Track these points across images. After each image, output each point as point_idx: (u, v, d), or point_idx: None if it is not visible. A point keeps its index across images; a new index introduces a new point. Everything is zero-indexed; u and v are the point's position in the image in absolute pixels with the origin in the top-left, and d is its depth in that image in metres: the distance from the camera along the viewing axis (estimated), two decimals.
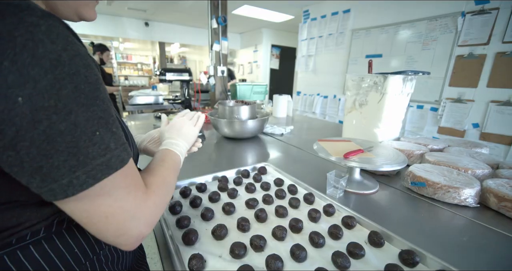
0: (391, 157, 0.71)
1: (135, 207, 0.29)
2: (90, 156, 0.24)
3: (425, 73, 1.02)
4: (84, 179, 0.24)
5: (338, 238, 0.49)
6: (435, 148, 1.02)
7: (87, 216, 0.26)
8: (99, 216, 0.26)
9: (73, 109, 0.22)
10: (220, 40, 2.21)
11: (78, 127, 0.23)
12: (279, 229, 0.48)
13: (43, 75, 0.21)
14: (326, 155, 0.71)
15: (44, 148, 0.21)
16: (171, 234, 0.49)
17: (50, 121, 0.21)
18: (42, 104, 0.21)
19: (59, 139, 0.22)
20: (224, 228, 0.48)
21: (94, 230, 0.28)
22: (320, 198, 0.64)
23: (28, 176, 0.22)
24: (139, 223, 0.29)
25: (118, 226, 0.28)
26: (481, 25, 1.95)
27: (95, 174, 0.24)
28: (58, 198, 0.24)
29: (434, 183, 0.67)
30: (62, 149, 0.22)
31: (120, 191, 0.28)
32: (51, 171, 0.22)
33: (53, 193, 0.23)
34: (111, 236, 0.28)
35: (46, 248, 0.32)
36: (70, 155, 0.23)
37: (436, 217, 0.61)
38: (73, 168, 0.23)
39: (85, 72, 0.24)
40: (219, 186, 0.67)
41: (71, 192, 0.24)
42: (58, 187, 0.23)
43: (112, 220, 0.27)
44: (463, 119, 2.11)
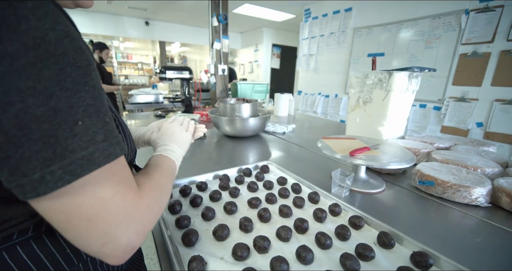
0: (399, 154, 0.68)
1: (124, 210, 0.25)
2: (69, 148, 0.20)
3: (431, 70, 1.00)
4: (60, 175, 0.20)
5: (345, 239, 0.46)
6: (441, 146, 0.99)
7: (65, 219, 0.22)
8: (79, 218, 0.22)
9: (54, 94, 0.19)
10: (221, 38, 2.19)
11: (58, 114, 0.20)
12: (284, 230, 0.46)
13: (23, 53, 0.18)
14: (331, 152, 0.69)
15: (14, 134, 0.18)
16: (170, 234, 0.46)
17: (24, 104, 0.18)
18: (17, 84, 0.18)
19: (34, 126, 0.19)
20: (226, 228, 0.46)
21: (74, 236, 0.23)
22: (325, 197, 0.62)
23: None
24: (128, 229, 0.25)
25: (103, 231, 0.23)
26: (486, 23, 1.92)
27: (74, 169, 0.21)
28: (28, 197, 0.20)
29: (443, 182, 0.65)
30: (36, 137, 0.19)
31: (106, 190, 0.24)
32: (20, 162, 0.19)
33: (22, 190, 0.19)
34: (94, 244, 0.23)
35: (34, 249, 0.30)
36: (45, 145, 0.19)
37: (446, 217, 0.59)
38: (48, 161, 0.20)
39: (74, 54, 0.21)
40: (220, 184, 0.65)
41: (42, 190, 0.20)
42: (28, 182, 0.19)
43: (96, 223, 0.23)
44: (466, 119, 2.09)
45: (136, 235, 0.26)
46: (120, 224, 0.24)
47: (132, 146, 0.41)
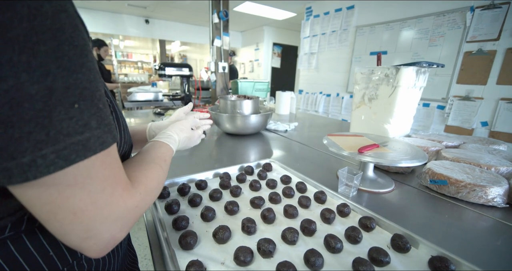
0: (409, 152, 0.65)
1: (111, 206, 0.23)
2: (64, 131, 0.19)
3: (439, 65, 0.96)
4: (53, 159, 0.19)
5: (357, 242, 0.43)
6: (450, 145, 0.96)
7: (50, 210, 0.21)
8: (65, 211, 0.21)
9: (50, 72, 0.18)
10: (221, 35, 2.16)
11: (53, 94, 0.18)
12: (290, 232, 0.42)
13: (17, 23, 0.16)
14: (338, 149, 0.65)
15: (4, 113, 0.16)
16: (166, 236, 0.43)
17: (17, 80, 0.17)
18: (10, 57, 0.16)
19: (27, 105, 0.17)
20: (227, 230, 0.42)
21: (56, 228, 0.22)
22: (332, 197, 0.58)
23: None
24: (113, 225, 0.24)
25: (87, 226, 0.22)
26: (491, 20, 1.89)
27: (68, 154, 0.19)
28: (14, 182, 0.18)
29: (457, 181, 0.61)
30: (29, 117, 0.17)
31: (96, 184, 0.22)
32: (9, 144, 0.17)
33: (8, 174, 0.18)
34: (76, 238, 0.22)
35: (12, 250, 0.26)
36: (38, 126, 0.18)
37: (462, 218, 0.55)
38: (40, 144, 0.18)
39: (71, 32, 0.19)
40: (221, 183, 0.62)
41: (32, 175, 0.18)
42: (16, 166, 0.18)
43: (81, 218, 0.21)
44: (471, 118, 2.05)
45: (120, 231, 0.25)
46: (106, 220, 0.23)
47: (127, 137, 0.37)
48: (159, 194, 0.55)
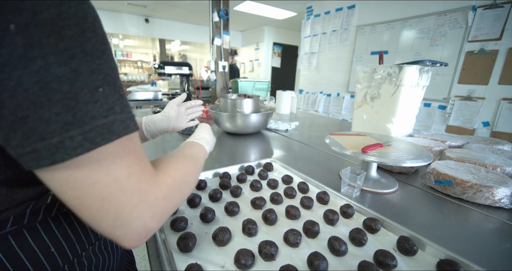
0: (414, 152, 0.63)
1: (139, 193, 0.23)
2: (90, 114, 0.19)
3: (442, 64, 0.95)
4: (80, 141, 0.19)
5: (362, 244, 0.41)
6: (453, 145, 0.94)
7: (78, 197, 0.21)
8: (93, 197, 0.21)
9: (76, 55, 0.18)
10: (221, 34, 2.14)
11: (79, 76, 0.18)
12: (293, 233, 0.40)
13: (45, 7, 0.17)
14: (341, 148, 0.64)
15: (35, 93, 0.17)
16: (164, 238, 0.41)
17: (46, 61, 0.17)
18: (40, 39, 0.17)
19: (54, 86, 0.17)
20: (227, 232, 0.40)
21: (87, 216, 0.22)
22: (335, 197, 0.57)
23: (8, 129, 0.17)
24: (142, 213, 0.23)
25: (116, 213, 0.22)
26: (493, 20, 1.87)
27: (94, 137, 0.19)
28: (42, 164, 0.18)
29: (463, 181, 0.59)
30: (57, 98, 0.18)
31: (121, 170, 0.22)
32: (38, 124, 0.17)
33: (37, 156, 0.18)
34: (108, 226, 0.22)
35: (13, 246, 0.25)
36: (65, 107, 0.18)
37: (468, 220, 0.54)
38: (67, 126, 0.18)
39: (92, 21, 0.20)
40: (221, 183, 0.60)
41: (60, 157, 0.18)
42: (44, 147, 0.18)
43: (109, 204, 0.21)
44: (472, 118, 2.04)
45: (151, 220, 0.24)
46: (134, 207, 0.23)
47: None
48: None
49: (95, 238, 0.34)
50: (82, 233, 0.32)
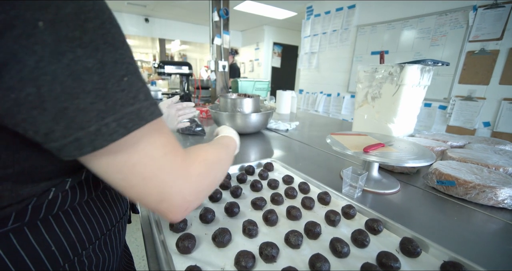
0: (416, 152, 0.63)
1: (176, 170, 0.25)
2: (119, 102, 0.20)
3: (444, 64, 0.94)
4: (114, 128, 0.20)
5: (364, 245, 0.40)
6: (455, 145, 0.94)
7: (123, 178, 0.23)
8: (136, 177, 0.23)
9: (100, 47, 0.19)
10: (221, 34, 2.13)
11: (105, 67, 0.19)
12: (294, 235, 0.40)
13: (66, 3, 0.18)
14: (342, 148, 0.63)
15: (69, 85, 0.18)
16: (163, 239, 0.41)
17: (75, 54, 0.18)
18: (66, 34, 0.17)
19: (85, 77, 0.18)
20: (227, 233, 0.40)
21: (134, 194, 0.24)
22: (336, 198, 0.56)
23: (51, 121, 0.18)
24: (182, 189, 0.25)
25: (158, 189, 0.24)
26: (494, 20, 1.87)
27: (126, 123, 0.21)
28: (85, 152, 0.20)
29: (465, 182, 0.59)
30: (89, 89, 0.19)
31: (156, 150, 0.24)
32: (77, 114, 0.19)
33: (79, 145, 0.19)
34: (153, 201, 0.25)
35: (14, 244, 0.25)
36: (98, 97, 0.19)
37: (471, 221, 0.53)
38: (102, 114, 0.19)
39: (109, 13, 0.21)
40: (221, 183, 0.59)
41: (99, 143, 0.20)
42: (85, 136, 0.19)
43: (151, 182, 0.23)
44: (473, 118, 2.03)
45: (190, 194, 0.26)
46: (174, 183, 0.25)
47: None
48: None
49: (96, 237, 0.33)
50: (83, 232, 0.31)
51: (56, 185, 0.27)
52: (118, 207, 0.40)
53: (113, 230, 0.37)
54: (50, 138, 0.19)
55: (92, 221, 0.33)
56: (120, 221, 0.40)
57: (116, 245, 0.39)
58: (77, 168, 0.29)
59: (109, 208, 0.37)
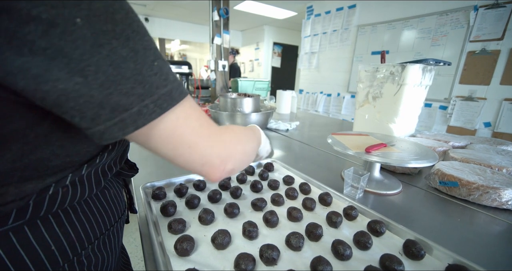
0: (419, 152, 0.62)
1: (213, 136, 0.29)
2: (154, 85, 0.22)
3: (446, 63, 0.93)
4: (153, 108, 0.23)
5: (367, 248, 0.39)
6: (457, 145, 0.93)
7: (172, 148, 0.27)
8: (183, 146, 0.27)
9: (130, 36, 0.21)
10: (221, 33, 2.13)
11: (138, 54, 0.21)
12: (295, 237, 0.39)
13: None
14: (343, 148, 0.62)
15: (111, 73, 0.20)
16: (161, 240, 0.40)
17: (111, 46, 0.20)
18: (101, 27, 0.19)
19: (123, 65, 0.20)
20: (227, 235, 0.39)
21: (182, 161, 0.28)
22: (338, 199, 0.55)
23: (98, 107, 0.20)
24: (219, 151, 0.30)
25: (201, 154, 0.28)
26: (495, 20, 1.86)
27: (161, 103, 0.23)
28: (127, 132, 0.22)
29: (469, 183, 0.58)
30: (128, 75, 0.21)
31: (194, 122, 0.27)
32: (121, 98, 0.21)
33: (123, 125, 0.22)
34: (198, 165, 0.29)
35: (13, 243, 0.25)
36: (136, 82, 0.21)
37: (475, 222, 0.52)
38: (141, 96, 0.22)
39: (129, 5, 0.22)
40: (220, 183, 0.58)
41: (141, 123, 0.22)
42: (128, 116, 0.22)
43: (195, 149, 0.27)
44: (474, 118, 2.03)
45: (227, 157, 0.31)
46: (213, 148, 0.29)
47: None
48: (156, 195, 0.52)
49: (95, 237, 0.33)
50: (82, 231, 0.31)
51: (57, 180, 0.27)
52: (117, 206, 0.39)
53: (112, 230, 0.37)
54: (96, 122, 0.21)
55: (91, 220, 0.32)
56: (118, 220, 0.39)
57: (115, 245, 0.39)
58: (79, 164, 0.29)
59: (108, 207, 0.36)
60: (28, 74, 0.17)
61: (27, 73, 0.17)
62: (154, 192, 0.52)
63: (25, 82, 0.18)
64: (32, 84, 0.18)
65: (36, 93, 0.18)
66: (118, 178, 0.44)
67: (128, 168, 0.46)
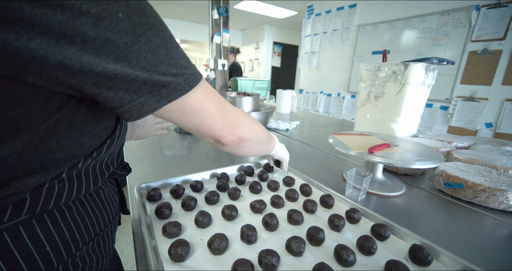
0: (424, 153, 0.60)
1: (228, 108, 0.36)
2: (182, 66, 0.27)
3: (449, 62, 0.92)
4: (183, 86, 0.27)
5: (371, 253, 0.38)
6: (460, 146, 0.91)
7: (201, 118, 0.32)
8: (209, 116, 0.32)
9: (159, 27, 0.24)
10: (221, 32, 2.11)
11: (167, 42, 0.25)
12: (296, 241, 0.37)
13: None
14: (346, 149, 0.60)
15: (150, 58, 0.24)
16: (155, 244, 0.38)
17: (147, 35, 0.23)
18: (138, 20, 0.22)
19: (158, 51, 0.24)
20: (224, 239, 0.37)
21: (206, 130, 0.33)
22: (339, 201, 0.53)
23: (141, 82, 0.24)
24: (233, 117, 0.36)
25: (221, 120, 0.34)
26: (497, 19, 1.84)
27: (189, 81, 0.28)
28: (162, 103, 0.27)
29: (475, 184, 0.56)
30: (163, 59, 0.25)
31: (214, 97, 0.33)
32: (160, 77, 0.25)
33: (159, 98, 0.26)
34: (218, 131, 0.34)
35: (8, 243, 0.25)
36: (170, 65, 0.25)
37: (482, 226, 0.51)
38: (175, 76, 0.26)
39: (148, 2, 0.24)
40: (218, 184, 0.56)
41: (174, 96, 0.27)
42: (165, 91, 0.26)
43: (217, 118, 0.33)
44: (475, 119, 2.01)
45: (241, 125, 0.37)
46: (227, 116, 0.35)
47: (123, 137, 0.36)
48: (151, 197, 0.50)
49: (89, 238, 0.32)
50: (77, 232, 0.31)
51: (56, 174, 0.27)
52: (111, 206, 0.39)
53: (106, 231, 0.36)
54: (138, 94, 0.25)
55: (86, 220, 0.32)
56: (112, 221, 0.39)
57: (109, 246, 0.38)
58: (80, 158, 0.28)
59: (103, 207, 0.36)
60: (81, 58, 0.20)
61: (80, 58, 0.20)
62: (149, 193, 0.50)
63: (80, 64, 0.20)
64: (86, 66, 0.21)
65: (90, 72, 0.21)
66: (111, 178, 0.42)
67: (122, 167, 0.44)
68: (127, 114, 0.26)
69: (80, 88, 0.22)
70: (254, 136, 0.41)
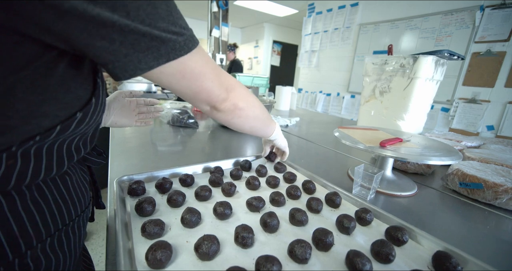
0: (441, 148, 0.54)
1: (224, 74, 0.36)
2: (182, 26, 0.26)
3: (460, 57, 0.87)
4: (182, 46, 0.27)
5: (389, 261, 0.32)
6: (470, 145, 0.86)
7: (200, 84, 0.32)
8: (207, 81, 0.32)
9: None
10: (220, 26, 2.04)
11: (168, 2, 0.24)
12: (301, 246, 0.31)
13: None
14: (353, 142, 0.54)
15: (150, 11, 0.23)
16: (130, 247, 0.31)
17: (153, 6, 0.23)
18: None
19: (158, 6, 0.23)
20: (214, 242, 0.31)
21: (204, 94, 0.33)
22: (347, 200, 0.47)
23: (139, 35, 0.23)
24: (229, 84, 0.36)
25: (218, 86, 0.34)
26: (502, 20, 1.81)
27: (188, 43, 0.27)
28: (161, 62, 0.26)
29: (495, 185, 0.51)
30: (163, 15, 0.24)
31: (210, 62, 0.32)
32: (160, 33, 0.24)
33: (158, 55, 0.25)
34: (215, 95, 0.35)
35: None
36: (170, 22, 0.25)
37: (506, 230, 0.45)
38: (176, 34, 0.25)
39: None
40: (211, 179, 0.50)
41: (172, 56, 0.26)
42: (165, 49, 0.25)
43: (214, 83, 0.33)
44: (476, 121, 1.98)
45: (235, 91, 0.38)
46: (223, 83, 0.35)
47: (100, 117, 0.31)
48: (133, 190, 0.43)
49: (47, 233, 0.27)
50: (30, 225, 0.25)
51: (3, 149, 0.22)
52: (80, 198, 0.32)
53: (71, 226, 0.30)
54: (135, 48, 0.23)
55: (44, 211, 0.26)
56: (81, 215, 0.33)
57: (74, 245, 0.32)
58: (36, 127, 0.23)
59: (69, 197, 0.30)
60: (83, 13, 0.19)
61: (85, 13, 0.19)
62: (130, 187, 0.43)
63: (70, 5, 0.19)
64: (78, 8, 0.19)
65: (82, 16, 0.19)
66: (83, 165, 0.36)
67: (97, 154, 0.38)
68: (121, 70, 0.24)
69: (67, 35, 0.20)
70: (249, 106, 0.41)
